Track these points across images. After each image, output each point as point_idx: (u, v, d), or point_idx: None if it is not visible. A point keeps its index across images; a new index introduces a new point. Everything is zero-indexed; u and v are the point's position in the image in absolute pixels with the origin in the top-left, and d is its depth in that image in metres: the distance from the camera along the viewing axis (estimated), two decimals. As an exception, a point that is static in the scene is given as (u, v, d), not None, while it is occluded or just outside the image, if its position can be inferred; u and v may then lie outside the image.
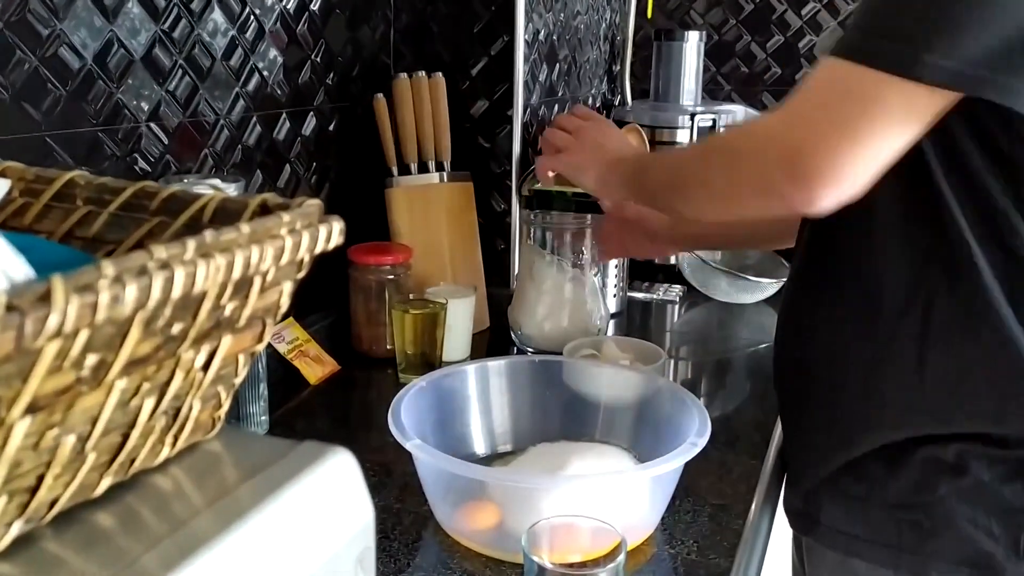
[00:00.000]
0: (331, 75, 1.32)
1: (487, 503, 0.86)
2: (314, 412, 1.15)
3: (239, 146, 1.17)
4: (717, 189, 0.85)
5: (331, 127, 1.34)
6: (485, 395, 1.02)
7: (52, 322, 0.26)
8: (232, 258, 0.32)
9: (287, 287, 0.39)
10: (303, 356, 1.21)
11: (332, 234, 0.38)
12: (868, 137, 0.70)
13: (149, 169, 1.03)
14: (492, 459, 1.00)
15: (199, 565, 0.32)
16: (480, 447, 1.01)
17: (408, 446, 0.83)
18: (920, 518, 0.83)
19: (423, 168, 1.38)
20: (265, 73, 1.20)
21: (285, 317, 1.21)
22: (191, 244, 0.31)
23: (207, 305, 0.34)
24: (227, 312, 0.36)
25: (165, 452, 0.39)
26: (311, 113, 1.30)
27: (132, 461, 0.37)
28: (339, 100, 1.35)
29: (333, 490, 0.39)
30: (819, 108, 0.73)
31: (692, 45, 1.74)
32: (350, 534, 0.39)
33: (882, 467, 0.85)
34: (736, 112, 1.76)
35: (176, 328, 0.34)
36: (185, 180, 1.02)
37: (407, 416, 0.88)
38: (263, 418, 1.05)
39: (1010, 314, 0.77)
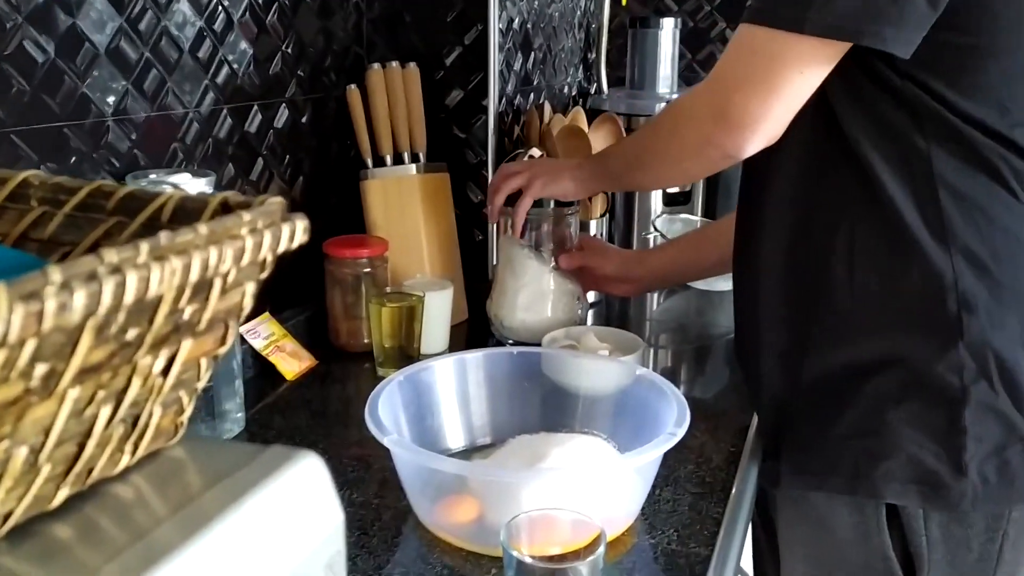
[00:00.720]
0: (303, 66, 1.31)
1: (466, 497, 0.85)
2: (291, 408, 1.13)
3: (210, 139, 1.15)
4: (666, 154, 0.99)
5: (304, 119, 1.32)
6: (463, 388, 1.01)
7: (-5, 332, 0.25)
8: (189, 260, 0.31)
9: (250, 288, 0.38)
10: (279, 351, 1.19)
11: (295, 233, 0.37)
12: (778, 85, 0.83)
13: (117, 164, 1.01)
14: (471, 452, 0.99)
15: (162, 575, 0.31)
16: (459, 440, 1.00)
17: (386, 442, 0.82)
18: (871, 444, 0.90)
19: (398, 160, 1.37)
20: (235, 65, 1.18)
21: (261, 312, 1.19)
22: (144, 247, 0.30)
23: (164, 309, 0.33)
24: (186, 316, 0.35)
25: (125, 460, 0.38)
26: (283, 105, 1.28)
27: (90, 471, 0.36)
28: (311, 91, 1.33)
29: (301, 495, 0.38)
30: (736, 67, 0.87)
31: (667, 32, 1.73)
32: (319, 540, 0.38)
33: (832, 404, 0.92)
34: (712, 98, 1.75)
35: (131, 334, 0.32)
36: (153, 175, 1.00)
37: (384, 411, 0.87)
38: (239, 415, 1.04)
39: (926, 237, 0.85)
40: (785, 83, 0.83)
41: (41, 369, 0.29)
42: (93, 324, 0.30)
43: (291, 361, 1.20)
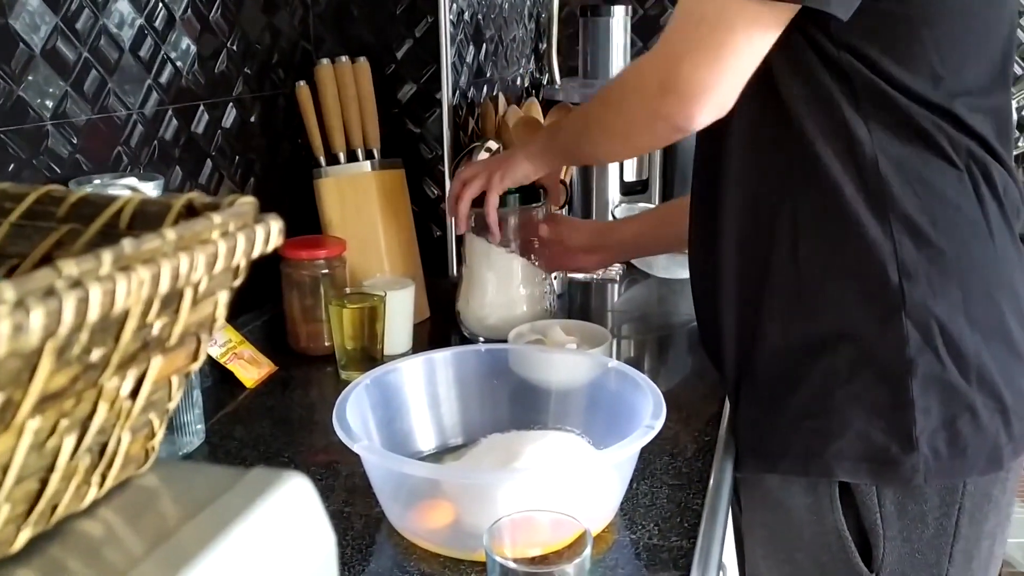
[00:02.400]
0: (249, 64, 1.27)
1: (440, 501, 0.83)
2: (253, 416, 1.10)
3: (155, 141, 1.11)
4: (614, 127, 0.96)
5: (252, 118, 1.28)
6: (432, 388, 0.99)
7: (-58, 361, 0.22)
8: (157, 270, 0.28)
9: (223, 297, 0.35)
10: (237, 359, 1.15)
11: (271, 235, 0.34)
12: (727, 53, 0.81)
13: (59, 170, 0.96)
14: (443, 453, 0.97)
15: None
16: (429, 442, 0.97)
17: (356, 448, 0.79)
18: (821, 424, 0.91)
19: (352, 157, 1.33)
20: (179, 64, 1.13)
21: (216, 319, 1.15)
22: (107, 256, 0.27)
23: (131, 325, 0.30)
24: (155, 331, 0.32)
25: (92, 493, 0.34)
26: (231, 104, 1.24)
27: (54, 508, 0.32)
28: (260, 89, 1.29)
29: (289, 522, 0.35)
30: (683, 36, 0.84)
31: (618, 20, 1.72)
32: (312, 567, 0.35)
33: (783, 385, 0.92)
34: (666, 85, 1.74)
35: (95, 354, 0.29)
36: (97, 181, 0.96)
37: (352, 415, 0.85)
38: (199, 427, 1.00)
39: (864, 209, 0.85)
40: (733, 50, 0.81)
41: (-4, 399, 0.26)
42: (53, 346, 0.27)
43: (250, 368, 1.16)
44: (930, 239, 0.85)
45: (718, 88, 0.82)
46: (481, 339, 1.28)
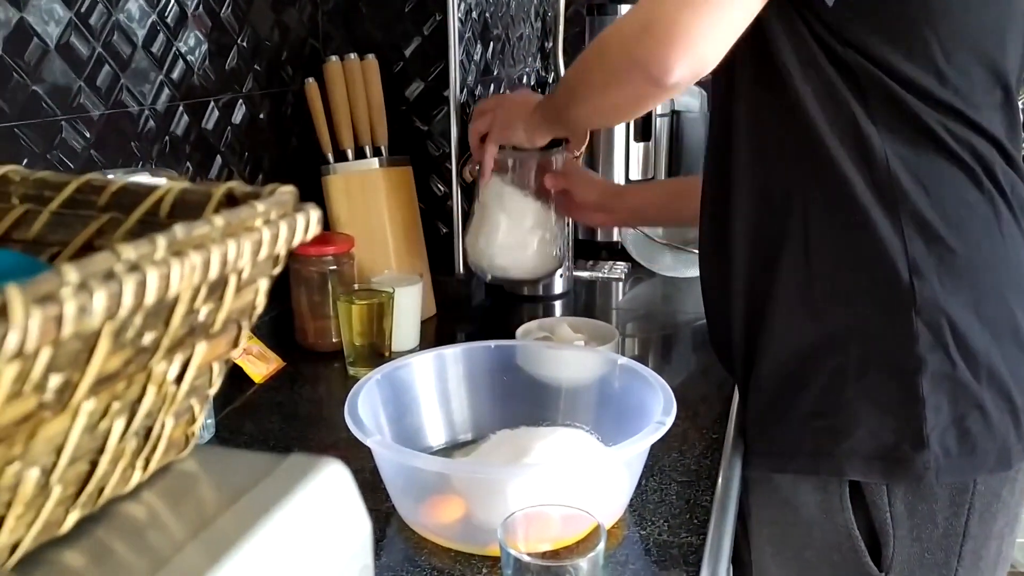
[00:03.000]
0: (259, 60, 1.27)
1: (452, 496, 0.83)
2: (262, 412, 1.10)
3: (166, 137, 1.11)
4: (596, 84, 0.93)
5: (262, 115, 1.29)
6: (443, 384, 0.99)
7: (11, 341, 0.22)
8: (208, 256, 0.28)
9: (263, 285, 0.35)
10: (246, 354, 1.16)
11: (310, 223, 0.34)
12: (712, 10, 0.78)
13: (72, 165, 0.97)
14: (452, 449, 0.97)
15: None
16: (439, 437, 0.98)
17: (368, 443, 0.80)
18: (832, 422, 0.90)
19: (360, 154, 1.33)
20: (190, 59, 1.14)
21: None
22: (161, 241, 0.27)
23: (180, 310, 0.30)
24: (201, 316, 0.32)
25: (136, 477, 0.35)
26: (240, 100, 1.24)
27: (101, 490, 0.33)
28: (269, 86, 1.30)
29: (327, 507, 0.35)
30: None
31: (624, 19, 1.72)
32: (349, 553, 0.36)
33: (793, 383, 0.92)
34: (671, 85, 1.74)
35: (147, 338, 0.30)
36: (110, 175, 0.96)
37: (363, 411, 0.85)
38: (208, 421, 1.01)
39: (874, 205, 0.85)
40: (720, 9, 0.78)
41: (56, 380, 0.26)
42: (111, 329, 0.27)
43: (258, 364, 1.16)
44: (941, 236, 0.85)
45: (701, 36, 0.79)
46: (489, 277, 1.29)
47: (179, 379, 0.33)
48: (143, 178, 0.91)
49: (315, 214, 0.35)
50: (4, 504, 0.28)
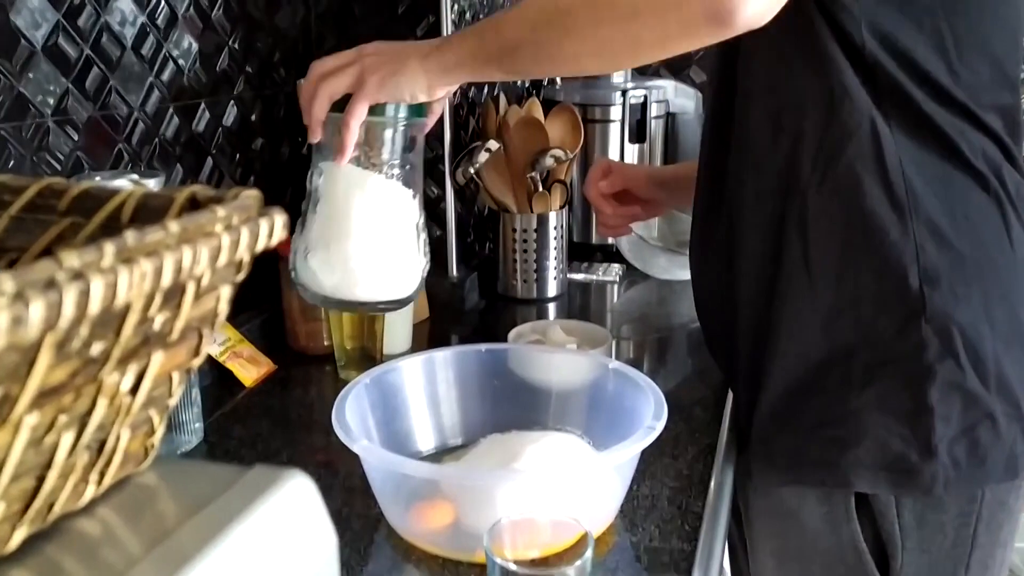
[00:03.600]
0: (251, 62, 1.26)
1: (440, 502, 0.83)
2: (251, 415, 1.09)
3: (156, 139, 1.10)
4: (619, 8, 0.74)
5: (253, 116, 1.28)
6: (432, 388, 0.98)
7: (-60, 353, 0.21)
8: (160, 263, 0.28)
9: (225, 292, 0.35)
10: (237, 357, 1.15)
11: (275, 229, 0.33)
12: None
13: (59, 168, 0.96)
14: (442, 453, 0.96)
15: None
16: (429, 442, 0.97)
17: (356, 448, 0.79)
18: (838, 432, 0.87)
19: (352, 155, 1.32)
20: (180, 62, 1.13)
21: (215, 318, 1.15)
22: (109, 248, 0.27)
23: (132, 319, 0.29)
24: (156, 325, 0.31)
25: (90, 491, 0.34)
26: (232, 102, 1.23)
27: (51, 506, 0.32)
28: (261, 88, 1.29)
29: (291, 521, 0.35)
30: None
31: (620, 20, 1.71)
32: (313, 569, 0.35)
33: (798, 393, 0.89)
34: (667, 87, 1.74)
35: (96, 348, 0.29)
36: (98, 178, 0.95)
37: (352, 415, 0.84)
38: (197, 425, 1.00)
39: (886, 210, 0.82)
40: None
41: (-6, 393, 0.25)
42: (52, 340, 0.26)
43: (249, 367, 1.16)
44: (952, 243, 0.82)
45: None
46: (323, 299, 0.93)
47: (134, 390, 0.33)
48: (126, 181, 0.90)
49: (280, 219, 0.34)
50: (-58, 520, 0.27)
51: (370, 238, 0.89)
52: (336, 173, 0.88)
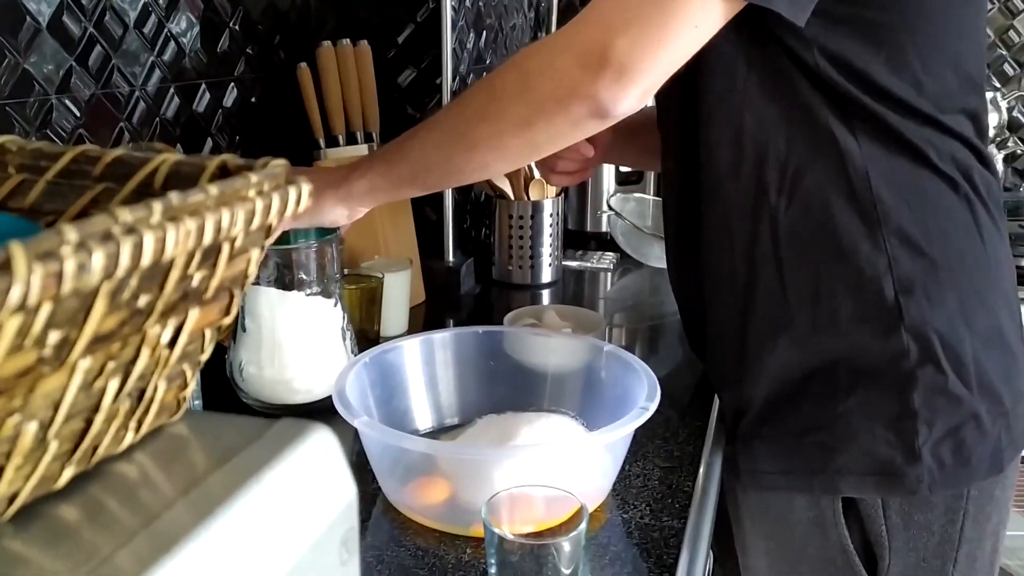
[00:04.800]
0: (251, 43, 1.27)
1: (437, 478, 0.84)
2: (249, 394, 1.10)
3: (157, 119, 1.11)
4: (514, 120, 0.80)
5: (253, 98, 1.29)
6: (430, 368, 1.00)
7: (14, 295, 0.23)
8: (202, 222, 0.29)
9: (255, 255, 0.36)
10: (235, 336, 1.16)
11: (301, 196, 0.35)
12: (670, 35, 0.73)
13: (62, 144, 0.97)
14: (439, 432, 0.98)
15: (176, 561, 0.29)
16: (426, 421, 0.99)
17: (356, 423, 0.80)
18: (824, 438, 0.89)
19: (351, 139, 1.34)
20: (182, 41, 1.14)
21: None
22: (157, 207, 0.28)
23: (175, 275, 0.31)
24: (195, 282, 0.33)
25: (129, 438, 0.36)
26: (232, 83, 1.24)
27: (95, 449, 0.34)
28: (261, 70, 1.30)
29: (315, 471, 0.36)
30: (620, 9, 0.74)
31: (617, 10, 1.73)
32: (334, 516, 0.36)
33: (783, 402, 0.90)
34: (662, 78, 1.75)
35: (142, 300, 0.31)
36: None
37: (351, 392, 0.86)
38: (196, 402, 1.01)
39: (857, 224, 0.83)
40: (677, 34, 0.74)
41: (55, 337, 0.27)
42: (108, 289, 0.28)
43: (247, 346, 1.17)
44: (924, 250, 0.83)
45: (653, 71, 0.74)
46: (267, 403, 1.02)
47: (172, 343, 0.34)
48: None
49: (306, 187, 0.36)
50: (3, 455, 0.29)
51: (298, 351, 1.00)
52: (260, 296, 0.99)
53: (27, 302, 0.23)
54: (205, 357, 0.38)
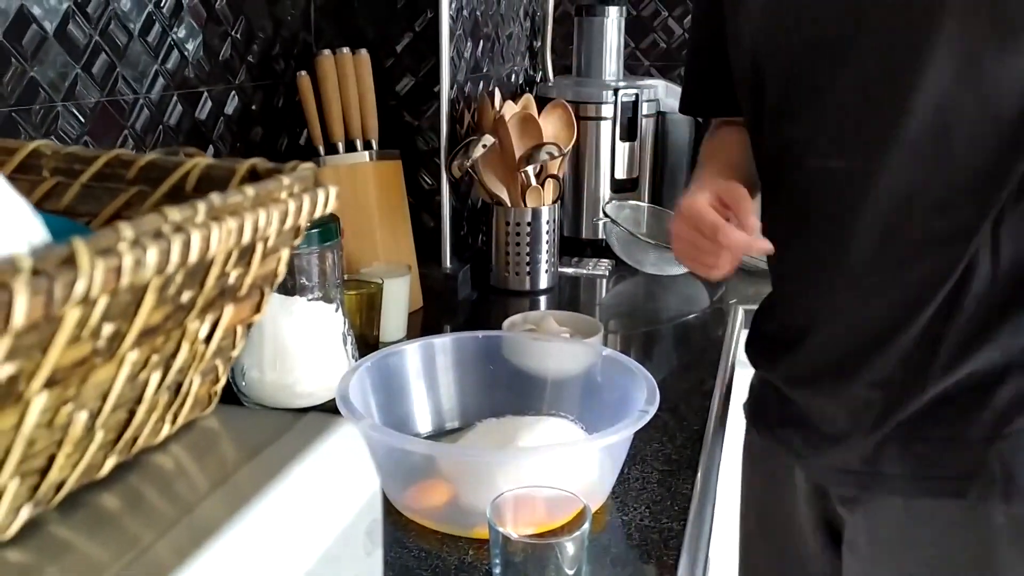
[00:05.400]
0: (252, 52, 1.28)
1: (439, 481, 0.85)
2: (251, 398, 1.11)
3: (160, 126, 1.12)
4: None
5: (254, 106, 1.30)
6: (431, 373, 1.01)
7: (79, 288, 0.24)
8: (242, 222, 0.31)
9: (285, 254, 0.38)
10: (236, 341, 1.17)
11: (329, 199, 0.37)
12: None
13: (69, 150, 0.98)
14: (439, 436, 0.99)
15: (212, 552, 0.31)
16: (427, 425, 1.00)
17: (359, 426, 0.81)
18: (1002, 447, 0.84)
19: (350, 147, 1.35)
20: (185, 50, 1.15)
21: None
22: (202, 207, 0.29)
23: (214, 272, 0.32)
24: (231, 280, 0.34)
25: (166, 430, 0.37)
26: (233, 92, 1.25)
27: (135, 440, 0.35)
28: (261, 78, 1.31)
29: (340, 463, 0.38)
30: None
31: (612, 20, 1.75)
32: (359, 507, 0.38)
33: (971, 402, 0.85)
34: (658, 87, 1.78)
35: (185, 296, 0.32)
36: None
37: (354, 396, 0.87)
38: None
39: None
40: None
41: (108, 329, 0.28)
42: (157, 284, 0.29)
43: (248, 351, 1.18)
44: None
45: None
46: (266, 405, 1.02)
47: (208, 339, 0.36)
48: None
49: (333, 190, 0.37)
50: (56, 443, 0.30)
51: (300, 355, 1.01)
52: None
53: (89, 295, 0.25)
54: (236, 353, 0.39)
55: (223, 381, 0.39)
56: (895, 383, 0.88)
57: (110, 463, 0.34)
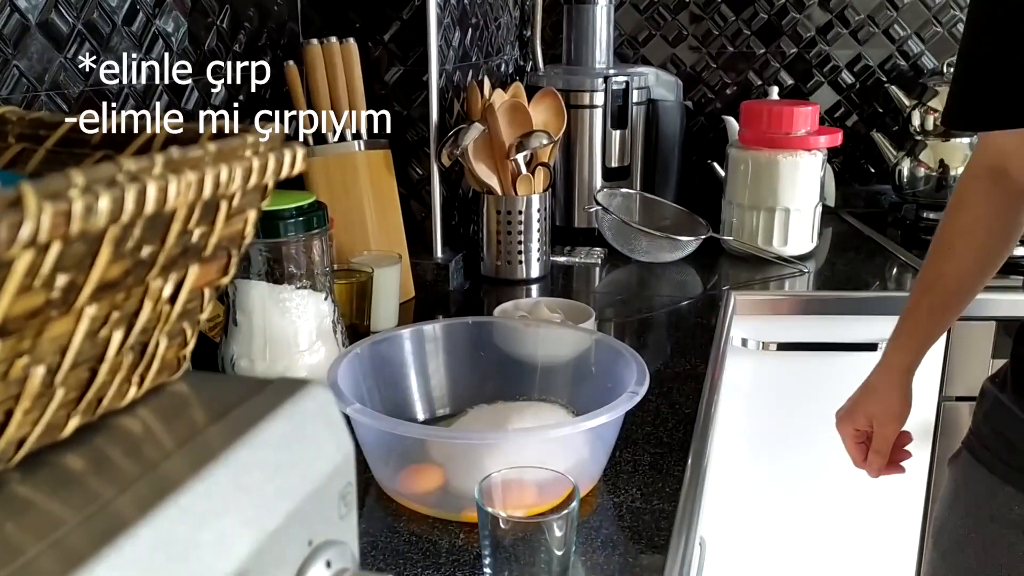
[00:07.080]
0: (239, 42, 1.28)
1: (430, 466, 0.85)
2: (241, 388, 1.11)
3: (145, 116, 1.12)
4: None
5: (241, 96, 1.29)
6: (421, 359, 1.01)
7: (26, 230, 0.24)
8: (202, 175, 0.30)
9: (252, 215, 0.37)
10: (226, 332, 1.16)
11: (296, 159, 0.36)
12: None
13: (53, 139, 0.97)
14: (431, 423, 0.99)
15: (176, 506, 0.30)
16: (418, 411, 1.00)
17: (348, 411, 0.81)
18: None
19: (340, 136, 1.35)
20: (170, 40, 1.15)
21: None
22: (159, 158, 0.29)
23: (175, 227, 0.32)
24: (194, 238, 0.34)
25: (132, 392, 0.36)
26: (219, 82, 1.25)
27: (99, 401, 0.35)
28: (247, 68, 1.30)
29: (311, 424, 0.37)
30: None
31: (602, 9, 1.75)
32: (332, 469, 0.37)
33: None
34: (648, 75, 1.77)
35: (145, 251, 0.31)
36: (92, 151, 0.97)
37: (344, 382, 0.86)
38: (188, 395, 1.02)
39: None
40: None
41: (62, 280, 0.28)
42: (112, 235, 0.29)
43: (238, 341, 1.17)
44: None
45: None
46: None
47: (173, 299, 0.35)
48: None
49: (300, 151, 0.37)
50: (13, 398, 0.29)
51: (289, 344, 1.00)
52: (251, 289, 0.99)
53: (37, 239, 0.24)
54: (204, 316, 0.39)
55: (192, 345, 0.39)
56: None
57: (73, 423, 0.33)
